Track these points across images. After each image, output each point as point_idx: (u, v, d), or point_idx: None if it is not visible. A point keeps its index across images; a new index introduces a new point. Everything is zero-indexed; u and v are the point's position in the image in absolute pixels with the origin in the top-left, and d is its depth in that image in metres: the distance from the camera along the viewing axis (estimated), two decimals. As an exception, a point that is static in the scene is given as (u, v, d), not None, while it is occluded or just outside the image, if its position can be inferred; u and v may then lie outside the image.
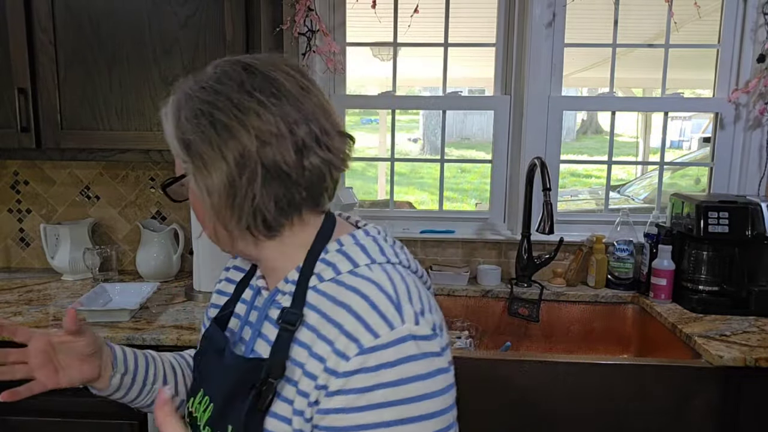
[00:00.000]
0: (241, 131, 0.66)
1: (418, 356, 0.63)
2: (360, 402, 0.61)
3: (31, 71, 1.65)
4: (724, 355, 1.40)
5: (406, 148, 12.00)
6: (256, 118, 0.67)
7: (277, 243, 0.73)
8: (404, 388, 0.61)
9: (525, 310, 1.92)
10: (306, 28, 1.90)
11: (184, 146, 0.70)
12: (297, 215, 0.71)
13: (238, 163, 0.66)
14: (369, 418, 0.60)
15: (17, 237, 2.14)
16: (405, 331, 0.63)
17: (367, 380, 0.61)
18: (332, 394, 0.62)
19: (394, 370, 0.61)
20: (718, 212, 1.71)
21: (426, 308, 0.68)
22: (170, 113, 0.72)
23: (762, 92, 1.93)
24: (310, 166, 0.68)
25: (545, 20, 1.96)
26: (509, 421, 1.46)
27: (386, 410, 0.61)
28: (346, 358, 0.62)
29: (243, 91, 0.69)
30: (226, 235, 0.72)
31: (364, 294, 0.65)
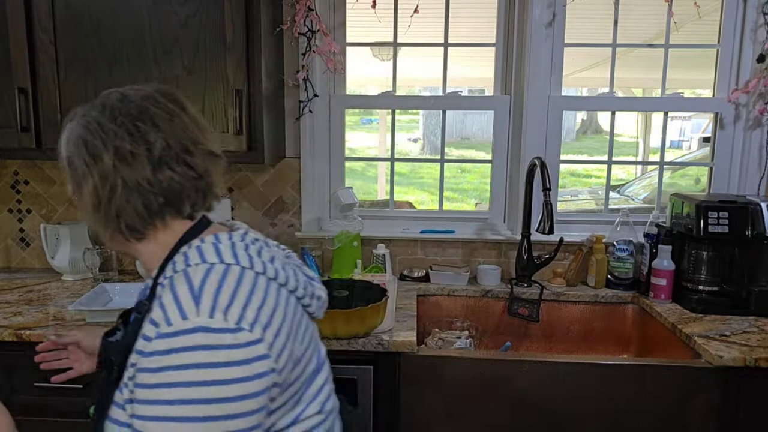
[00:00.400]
0: (103, 151, 0.81)
1: (205, 346, 0.71)
2: (152, 380, 0.72)
3: (31, 71, 1.65)
4: (724, 355, 1.40)
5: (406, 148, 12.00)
6: (116, 139, 0.81)
7: (145, 244, 0.87)
8: (187, 373, 0.71)
9: (525, 310, 1.92)
10: (306, 28, 1.91)
11: (67, 162, 0.86)
12: (160, 221, 0.85)
13: (102, 177, 0.81)
14: (159, 395, 0.71)
15: (17, 237, 2.14)
16: (197, 322, 0.72)
17: (159, 362, 0.72)
18: (139, 371, 0.74)
19: (180, 355, 0.71)
20: (718, 212, 1.71)
21: (239, 306, 0.75)
22: (63, 135, 0.87)
23: (762, 92, 1.94)
24: (167, 180, 0.82)
25: (545, 20, 1.96)
26: (509, 421, 1.46)
27: (172, 390, 0.71)
28: (149, 339, 0.74)
29: (111, 117, 0.83)
30: (104, 235, 0.87)
31: (174, 287, 0.76)
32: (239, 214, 2.10)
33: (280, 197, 2.09)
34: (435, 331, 1.86)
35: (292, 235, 2.11)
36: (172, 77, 1.65)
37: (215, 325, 0.72)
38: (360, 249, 2.01)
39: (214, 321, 0.72)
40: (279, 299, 0.80)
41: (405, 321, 1.62)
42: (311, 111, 2.01)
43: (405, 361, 1.47)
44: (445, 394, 1.47)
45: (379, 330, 1.52)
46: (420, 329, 1.86)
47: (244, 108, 1.66)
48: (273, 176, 2.08)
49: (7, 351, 1.50)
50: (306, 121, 2.02)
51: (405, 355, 1.47)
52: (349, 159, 2.15)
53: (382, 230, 2.11)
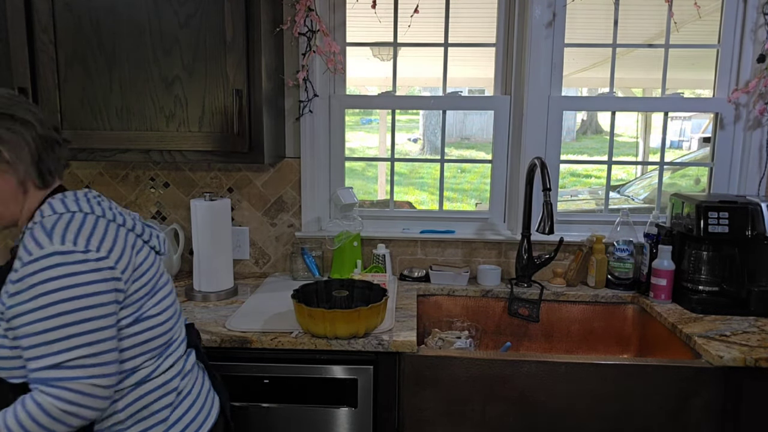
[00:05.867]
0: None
1: (61, 263, 0.98)
2: (24, 297, 0.97)
3: (31, 71, 1.65)
4: (724, 355, 1.40)
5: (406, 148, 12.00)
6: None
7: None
8: (48, 284, 0.97)
9: (525, 310, 1.92)
10: (306, 28, 1.91)
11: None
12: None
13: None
14: (35, 303, 0.97)
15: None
16: (51, 249, 0.98)
17: (27, 282, 0.97)
18: (12, 295, 0.99)
19: (42, 273, 0.97)
20: (718, 212, 1.71)
21: (85, 237, 1.02)
22: None
23: (762, 92, 1.94)
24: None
25: (545, 20, 1.96)
26: (509, 421, 1.46)
27: (39, 299, 0.97)
28: (15, 271, 1.00)
29: None
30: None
31: (33, 231, 1.02)
32: (239, 214, 2.10)
33: (280, 197, 2.09)
34: (435, 331, 1.86)
35: (292, 235, 2.11)
36: (172, 77, 1.65)
37: (66, 249, 0.99)
38: (360, 249, 2.01)
39: (65, 246, 0.99)
40: (118, 233, 1.08)
41: (405, 321, 1.62)
42: (311, 111, 2.01)
43: (405, 361, 1.47)
44: (445, 394, 1.47)
45: (379, 330, 1.52)
46: (420, 329, 1.86)
47: (244, 108, 1.66)
48: (273, 176, 2.08)
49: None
50: (306, 121, 2.02)
51: (405, 355, 1.47)
52: (349, 159, 2.15)
53: (382, 230, 2.11)
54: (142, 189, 2.09)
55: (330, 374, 1.49)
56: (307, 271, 2.00)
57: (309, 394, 1.50)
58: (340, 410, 1.51)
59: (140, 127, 1.68)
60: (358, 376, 1.48)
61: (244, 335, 1.49)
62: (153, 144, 1.68)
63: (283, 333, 1.50)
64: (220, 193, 2.09)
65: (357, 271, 1.95)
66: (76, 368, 0.98)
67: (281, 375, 1.49)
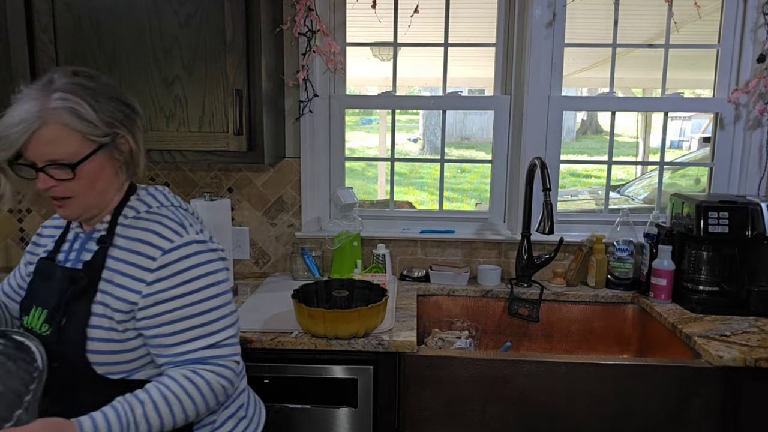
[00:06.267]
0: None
1: (202, 251, 1.05)
2: (172, 282, 1.02)
3: (31, 71, 1.65)
4: (724, 355, 1.40)
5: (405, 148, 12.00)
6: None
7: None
8: (196, 270, 1.03)
9: (525, 310, 1.92)
10: (306, 28, 1.91)
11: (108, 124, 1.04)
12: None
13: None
14: (184, 289, 1.02)
15: (17, 237, 2.14)
16: (189, 238, 1.05)
17: (173, 268, 1.02)
18: (151, 283, 1.01)
19: (188, 259, 1.03)
20: (718, 212, 1.71)
21: (199, 230, 1.09)
22: (99, 93, 1.03)
23: (762, 92, 1.94)
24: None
25: (545, 20, 1.96)
26: (509, 420, 1.46)
27: (189, 284, 1.02)
28: (153, 259, 1.02)
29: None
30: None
31: (157, 224, 1.06)
32: (239, 214, 2.10)
33: (280, 197, 2.09)
34: (435, 331, 1.86)
35: (292, 235, 2.11)
36: (172, 77, 1.65)
37: (201, 238, 1.06)
38: (360, 249, 2.01)
39: (199, 237, 1.06)
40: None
41: (405, 321, 1.62)
42: (311, 111, 2.01)
43: (405, 361, 1.47)
44: (445, 394, 1.47)
45: (379, 330, 1.52)
46: (420, 329, 1.86)
47: (244, 108, 1.66)
48: (273, 176, 2.08)
49: (7, 351, 1.50)
50: (306, 121, 2.02)
51: (405, 355, 1.47)
52: (349, 159, 2.15)
53: (382, 230, 2.11)
54: (142, 189, 2.08)
55: (330, 374, 1.49)
56: (307, 271, 2.00)
57: (309, 394, 1.50)
58: (340, 410, 1.51)
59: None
60: (358, 376, 1.48)
61: (244, 335, 1.49)
62: (153, 144, 1.68)
63: (283, 333, 1.50)
64: (220, 193, 2.09)
65: (357, 271, 1.95)
66: (227, 347, 1.05)
67: (281, 375, 1.49)
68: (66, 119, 0.98)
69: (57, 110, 0.98)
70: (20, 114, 0.97)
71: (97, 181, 1.05)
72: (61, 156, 0.99)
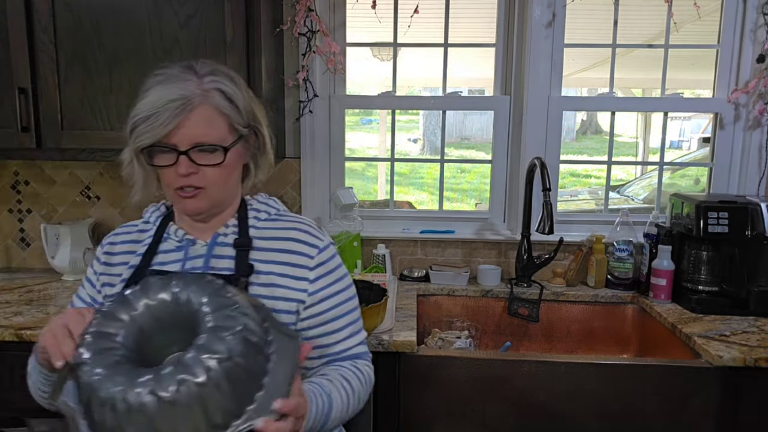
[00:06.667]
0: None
1: (337, 252, 1.09)
2: (330, 279, 1.04)
3: (31, 71, 1.65)
4: (723, 355, 1.40)
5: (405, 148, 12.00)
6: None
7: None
8: (341, 269, 1.07)
9: (525, 310, 1.92)
10: (306, 28, 1.91)
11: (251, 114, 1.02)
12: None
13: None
14: (339, 286, 1.06)
15: (17, 237, 2.14)
16: (329, 240, 1.08)
17: (328, 266, 1.04)
18: (314, 281, 1.02)
19: (335, 259, 1.06)
20: (717, 212, 1.71)
21: None
22: (240, 85, 1.00)
23: (762, 92, 1.94)
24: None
25: (545, 20, 1.96)
26: (509, 420, 1.47)
27: (341, 282, 1.06)
28: (311, 257, 1.03)
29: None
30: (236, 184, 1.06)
31: (301, 223, 1.07)
32: (239, 214, 2.10)
33: (280, 197, 2.09)
34: (435, 331, 1.86)
35: (292, 235, 2.11)
36: (172, 77, 1.65)
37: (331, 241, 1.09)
38: (360, 249, 2.01)
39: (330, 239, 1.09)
40: None
41: (405, 321, 1.62)
42: (311, 111, 2.01)
43: (405, 361, 1.47)
44: (445, 394, 1.47)
45: (379, 330, 1.52)
46: (420, 329, 1.86)
47: (244, 108, 1.66)
48: (273, 176, 2.08)
49: (7, 351, 1.50)
50: (306, 121, 2.03)
51: (405, 355, 1.47)
52: (349, 159, 2.15)
53: (382, 230, 2.11)
54: (142, 189, 2.09)
55: (330, 374, 1.49)
56: (307, 271, 2.00)
57: (309, 394, 1.50)
58: (340, 410, 1.51)
59: (140, 127, 1.68)
60: (358, 376, 1.48)
61: (244, 335, 1.49)
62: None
63: (283, 333, 1.50)
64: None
65: (357, 271, 1.95)
66: (366, 344, 1.10)
67: (281, 375, 1.49)
68: (219, 102, 0.95)
69: (211, 92, 0.94)
70: (175, 92, 0.92)
71: (233, 173, 1.02)
72: (212, 139, 0.95)
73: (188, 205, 0.99)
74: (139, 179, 1.03)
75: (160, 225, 1.09)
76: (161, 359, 0.83)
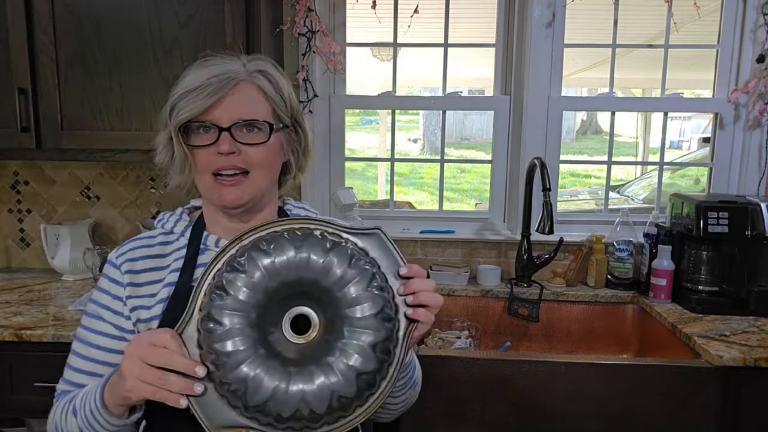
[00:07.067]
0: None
1: None
2: None
3: (31, 71, 1.65)
4: (723, 355, 1.40)
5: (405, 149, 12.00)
6: None
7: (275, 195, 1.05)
8: None
9: (525, 310, 1.92)
10: (306, 28, 1.91)
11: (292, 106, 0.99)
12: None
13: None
14: None
15: (17, 237, 2.14)
16: None
17: None
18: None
19: None
20: (717, 212, 1.71)
21: None
22: (284, 76, 0.97)
23: (761, 92, 1.94)
24: None
25: (545, 20, 1.96)
26: (509, 420, 1.46)
27: None
28: None
29: None
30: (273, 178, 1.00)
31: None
32: (239, 215, 2.10)
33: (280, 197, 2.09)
34: (435, 331, 1.86)
35: (292, 236, 2.11)
36: (172, 77, 1.65)
37: None
38: (360, 249, 2.01)
39: None
40: None
41: (405, 321, 1.62)
42: (311, 111, 2.01)
43: (405, 361, 1.47)
44: (445, 394, 1.47)
45: (379, 330, 1.52)
46: (420, 329, 1.85)
47: (244, 108, 1.66)
48: (273, 176, 2.08)
49: (7, 351, 1.50)
50: (306, 121, 2.02)
51: (405, 355, 1.47)
52: (349, 159, 2.15)
53: (382, 230, 2.10)
54: (142, 189, 2.09)
55: (330, 374, 1.49)
56: (307, 271, 2.00)
57: (309, 394, 1.50)
58: (340, 410, 1.50)
59: (140, 128, 1.68)
60: (358, 376, 1.48)
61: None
62: (151, 144, 1.68)
63: (283, 333, 1.50)
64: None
65: (357, 271, 1.95)
66: None
67: (281, 375, 1.49)
68: (264, 84, 0.91)
69: (254, 74, 0.92)
70: (219, 69, 0.89)
71: (276, 161, 0.96)
72: (257, 116, 0.90)
73: (228, 195, 0.90)
74: (177, 161, 0.93)
75: (192, 235, 0.98)
76: (278, 321, 0.77)
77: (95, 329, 0.94)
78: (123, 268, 0.94)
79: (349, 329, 0.75)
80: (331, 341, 0.75)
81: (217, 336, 0.72)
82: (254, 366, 0.72)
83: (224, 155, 0.88)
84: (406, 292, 0.80)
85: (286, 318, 0.75)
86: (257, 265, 0.75)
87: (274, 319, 0.75)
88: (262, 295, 0.74)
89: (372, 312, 0.75)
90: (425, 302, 0.80)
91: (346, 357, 0.74)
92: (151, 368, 0.72)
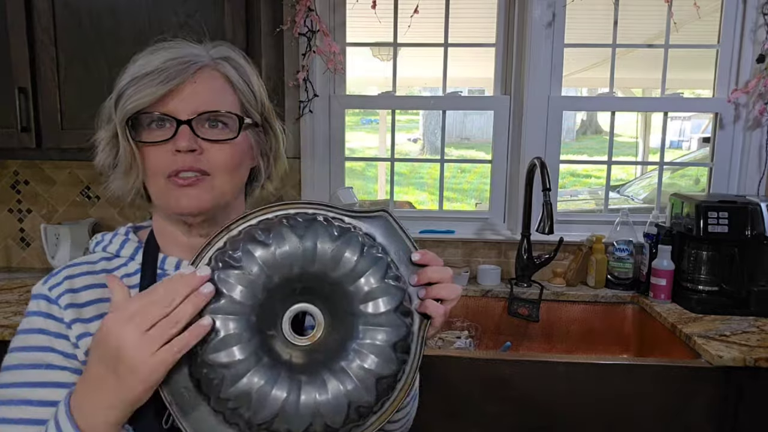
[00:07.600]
0: None
1: None
2: None
3: (31, 71, 1.65)
4: (723, 355, 1.40)
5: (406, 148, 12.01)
6: None
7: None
8: None
9: (525, 310, 1.92)
10: (306, 28, 1.91)
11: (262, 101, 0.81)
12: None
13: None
14: None
15: (17, 237, 2.14)
16: None
17: None
18: None
19: None
20: (717, 212, 1.71)
21: None
22: (253, 67, 0.82)
23: (761, 92, 1.94)
24: None
25: (545, 20, 1.96)
26: (509, 421, 1.46)
27: None
28: None
29: None
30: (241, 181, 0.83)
31: None
32: (239, 214, 2.10)
33: (280, 197, 2.09)
34: (435, 331, 1.86)
35: (292, 235, 2.11)
36: (172, 77, 1.66)
37: None
38: (360, 249, 2.01)
39: None
40: None
41: (405, 321, 1.62)
42: (311, 111, 2.01)
43: (405, 361, 1.47)
44: (445, 394, 1.47)
45: (379, 330, 1.52)
46: (420, 329, 1.86)
47: (244, 108, 1.66)
48: (273, 176, 2.08)
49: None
50: (306, 121, 2.03)
51: (405, 355, 1.47)
52: (349, 159, 2.15)
53: (382, 230, 2.11)
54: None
55: (330, 374, 1.49)
56: (307, 271, 2.00)
57: (309, 393, 1.50)
58: (340, 410, 1.50)
59: (140, 127, 1.68)
60: (358, 376, 1.48)
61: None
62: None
63: (283, 333, 1.50)
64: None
65: (357, 271, 1.95)
66: None
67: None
68: (231, 73, 0.77)
69: (220, 61, 0.77)
70: (177, 52, 0.76)
71: (242, 164, 0.79)
72: (222, 108, 0.75)
73: (186, 198, 0.73)
74: (122, 161, 0.79)
75: (144, 259, 0.81)
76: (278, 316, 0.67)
77: (43, 381, 0.71)
78: (62, 302, 0.75)
79: (363, 327, 0.65)
80: (343, 342, 0.66)
81: (211, 346, 0.61)
82: (257, 377, 0.61)
83: (182, 153, 0.72)
84: (419, 282, 0.69)
85: (286, 317, 0.65)
86: (254, 258, 0.63)
87: (275, 320, 0.65)
88: (261, 293, 0.63)
89: (390, 307, 0.65)
90: (441, 296, 0.69)
91: (362, 359, 0.64)
92: (152, 332, 0.58)
